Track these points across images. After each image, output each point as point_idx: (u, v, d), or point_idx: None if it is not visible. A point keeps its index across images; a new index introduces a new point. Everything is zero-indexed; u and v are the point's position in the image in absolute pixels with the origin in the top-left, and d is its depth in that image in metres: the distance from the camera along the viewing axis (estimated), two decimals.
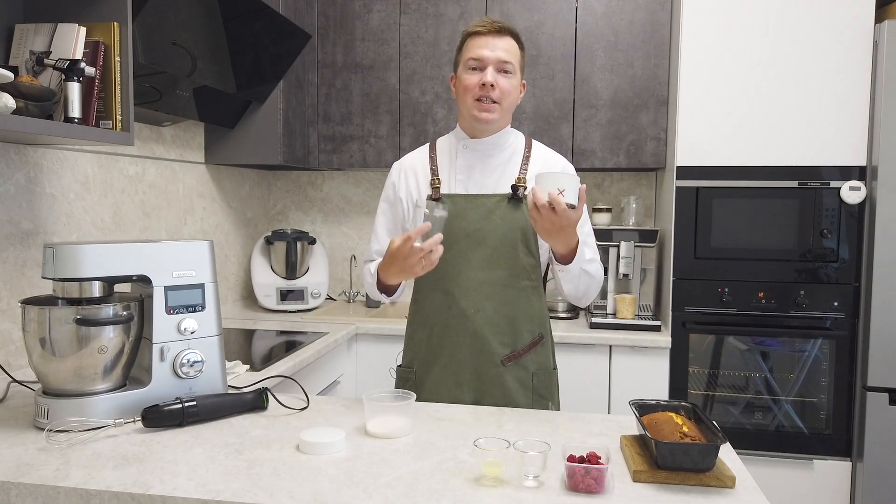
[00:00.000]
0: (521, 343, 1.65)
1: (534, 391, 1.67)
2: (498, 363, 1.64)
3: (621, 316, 2.65)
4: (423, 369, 1.70)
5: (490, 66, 1.58)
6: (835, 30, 2.41)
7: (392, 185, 1.77)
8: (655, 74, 2.74)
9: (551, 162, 1.71)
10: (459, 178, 1.67)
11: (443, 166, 1.70)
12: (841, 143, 2.43)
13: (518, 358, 1.65)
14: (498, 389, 1.64)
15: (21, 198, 1.85)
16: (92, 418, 1.35)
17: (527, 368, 1.66)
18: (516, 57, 1.61)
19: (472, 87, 1.60)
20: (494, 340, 1.63)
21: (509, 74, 1.60)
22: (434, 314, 1.66)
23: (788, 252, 2.48)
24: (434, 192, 1.67)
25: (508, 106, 1.64)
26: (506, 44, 1.59)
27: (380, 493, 1.09)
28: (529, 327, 1.66)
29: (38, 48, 1.60)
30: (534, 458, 1.13)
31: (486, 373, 1.64)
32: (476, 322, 1.63)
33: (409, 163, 1.77)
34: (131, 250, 1.42)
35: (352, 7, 2.94)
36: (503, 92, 1.60)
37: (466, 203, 1.64)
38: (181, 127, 2.64)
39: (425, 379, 1.69)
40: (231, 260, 3.05)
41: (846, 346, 2.47)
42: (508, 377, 1.64)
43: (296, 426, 1.40)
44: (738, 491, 1.12)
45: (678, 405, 1.33)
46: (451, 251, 1.61)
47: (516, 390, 1.65)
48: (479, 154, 1.68)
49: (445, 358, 1.66)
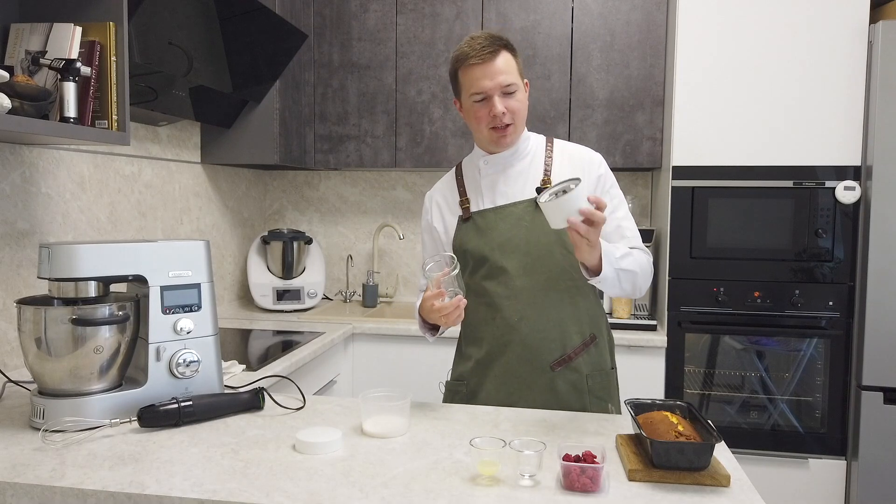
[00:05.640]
0: (571, 346, 1.61)
1: (590, 393, 1.63)
2: (547, 369, 1.60)
3: (617, 315, 2.65)
4: (474, 382, 1.67)
5: (495, 94, 1.55)
6: (830, 30, 2.42)
7: (426, 216, 1.77)
8: (651, 74, 2.74)
9: (573, 153, 1.67)
10: (486, 194, 1.66)
11: (469, 186, 1.70)
12: (836, 142, 2.44)
13: (569, 362, 1.61)
14: (551, 396, 1.60)
15: (17, 197, 1.85)
16: (88, 418, 1.35)
17: (580, 371, 1.62)
18: (515, 71, 1.57)
19: (483, 118, 1.58)
20: (542, 346, 1.60)
21: (514, 93, 1.57)
22: (480, 327, 1.64)
23: (784, 252, 2.49)
24: (464, 211, 1.67)
25: (522, 120, 1.62)
26: (502, 64, 1.55)
27: (376, 493, 1.09)
28: (578, 329, 1.62)
29: (33, 48, 1.60)
30: (530, 457, 1.14)
31: (537, 380, 1.60)
32: (521, 331, 1.60)
33: (437, 191, 1.77)
34: (127, 250, 1.42)
35: (348, 7, 2.94)
36: (514, 112, 1.58)
37: (495, 216, 1.63)
38: (177, 127, 2.63)
39: (478, 391, 1.66)
40: (227, 260, 3.05)
41: (841, 346, 2.48)
42: (560, 382, 1.60)
43: (292, 426, 1.40)
44: (733, 490, 1.12)
45: (674, 404, 1.34)
46: (488, 264, 1.61)
47: (569, 394, 1.61)
48: (500, 167, 1.67)
49: (496, 369, 1.63)
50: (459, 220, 1.68)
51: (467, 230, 1.66)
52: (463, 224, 1.67)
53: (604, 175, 1.65)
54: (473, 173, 1.71)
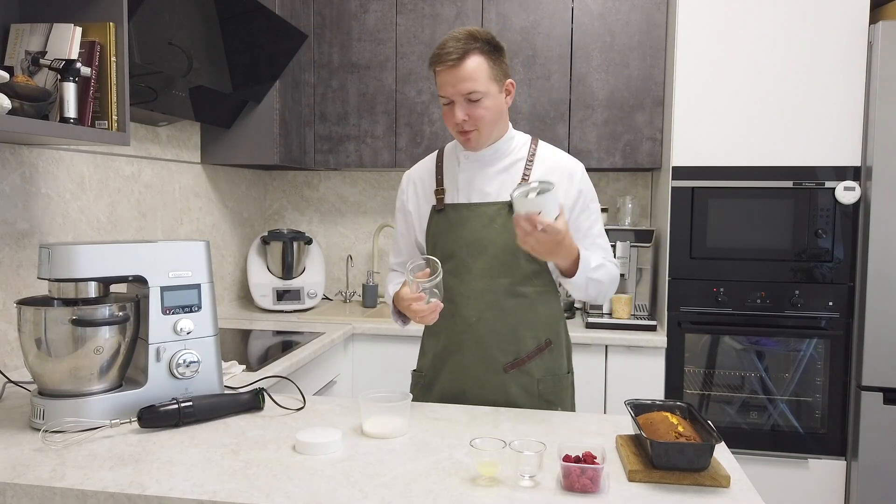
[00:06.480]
0: (525, 350, 1.65)
1: (539, 397, 1.66)
2: (501, 370, 1.64)
3: (617, 316, 2.65)
4: (431, 375, 1.73)
5: (456, 101, 1.56)
6: (830, 30, 2.42)
7: (402, 198, 1.79)
8: (651, 75, 2.74)
9: (555, 163, 1.67)
10: (462, 188, 1.67)
11: (448, 175, 1.71)
12: (836, 143, 2.44)
13: (521, 365, 1.65)
14: (501, 396, 1.64)
15: (16, 198, 1.85)
16: (88, 419, 1.35)
17: (531, 375, 1.66)
18: (484, 76, 1.55)
19: (450, 121, 1.61)
20: (496, 348, 1.64)
21: (479, 100, 1.56)
22: (440, 323, 1.65)
23: (784, 252, 2.49)
24: (438, 201, 1.68)
25: (488, 126, 1.60)
26: (469, 70, 1.53)
27: (376, 494, 1.09)
28: (534, 334, 1.66)
29: (33, 48, 1.60)
30: (530, 458, 1.14)
31: (490, 380, 1.64)
32: (478, 331, 1.63)
33: (416, 173, 1.78)
34: (127, 251, 1.42)
35: (348, 7, 2.94)
36: (476, 119, 1.57)
37: (469, 212, 1.65)
38: (177, 127, 2.63)
39: (433, 385, 1.72)
40: (227, 260, 3.05)
41: (841, 346, 2.48)
42: (512, 384, 1.64)
43: (292, 426, 1.40)
44: (732, 490, 1.12)
45: (674, 405, 1.34)
46: (454, 260, 1.64)
47: (520, 396, 1.65)
48: (479, 164, 1.68)
49: (451, 365, 1.68)
50: (433, 210, 1.69)
51: (439, 222, 1.67)
52: (436, 215, 1.68)
53: (584, 191, 1.67)
54: (453, 163, 1.72)
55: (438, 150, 1.78)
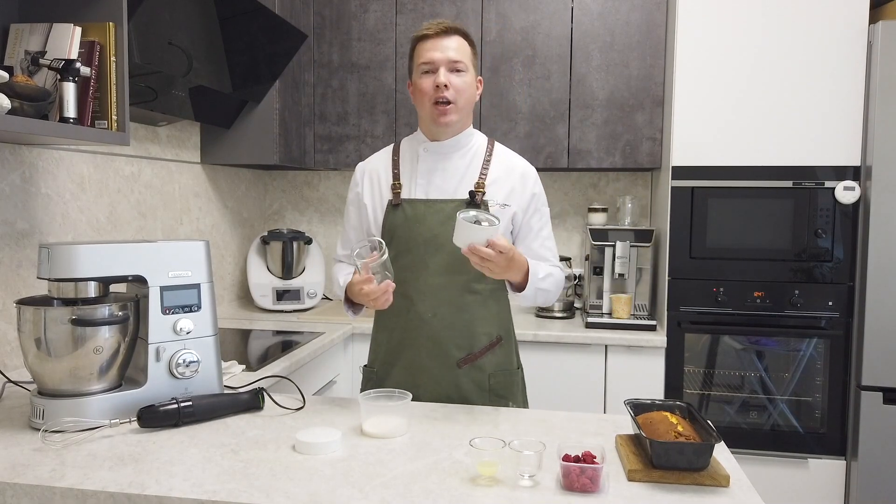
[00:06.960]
0: (478, 346, 1.68)
1: (490, 391, 1.69)
2: (454, 366, 1.66)
3: (617, 316, 2.65)
4: (383, 370, 1.74)
5: (441, 66, 1.61)
6: (829, 30, 2.42)
7: (356, 189, 1.79)
8: (651, 75, 2.74)
9: (512, 165, 1.73)
10: (420, 183, 1.69)
11: (404, 170, 1.72)
12: (835, 143, 2.44)
13: (474, 360, 1.67)
14: (454, 391, 1.67)
15: (16, 198, 1.85)
16: (87, 419, 1.35)
17: (483, 370, 1.68)
18: (467, 55, 1.65)
19: (427, 91, 1.63)
20: (450, 344, 1.66)
21: (461, 73, 1.63)
22: (394, 317, 1.69)
23: (783, 252, 2.49)
24: (395, 196, 1.69)
25: (465, 104, 1.66)
26: (455, 43, 1.63)
27: (376, 494, 1.09)
28: (486, 330, 1.69)
29: (33, 48, 1.60)
30: (529, 457, 1.14)
31: (444, 375, 1.67)
32: (433, 326, 1.65)
33: (372, 165, 1.79)
34: (127, 250, 1.42)
35: (348, 7, 2.94)
36: (457, 90, 1.63)
37: (426, 208, 1.66)
38: (177, 127, 2.63)
39: (385, 379, 1.72)
40: (227, 260, 3.05)
41: (841, 346, 2.48)
42: (464, 379, 1.67)
43: (292, 426, 1.40)
44: (732, 490, 1.12)
45: (673, 404, 1.34)
46: (410, 256, 1.65)
47: (472, 391, 1.68)
48: (439, 156, 1.70)
49: (404, 360, 1.69)
50: (389, 204, 1.70)
51: (396, 217, 1.68)
52: (392, 209, 1.69)
53: (538, 194, 1.73)
54: (412, 157, 1.73)
55: (394, 143, 1.80)
